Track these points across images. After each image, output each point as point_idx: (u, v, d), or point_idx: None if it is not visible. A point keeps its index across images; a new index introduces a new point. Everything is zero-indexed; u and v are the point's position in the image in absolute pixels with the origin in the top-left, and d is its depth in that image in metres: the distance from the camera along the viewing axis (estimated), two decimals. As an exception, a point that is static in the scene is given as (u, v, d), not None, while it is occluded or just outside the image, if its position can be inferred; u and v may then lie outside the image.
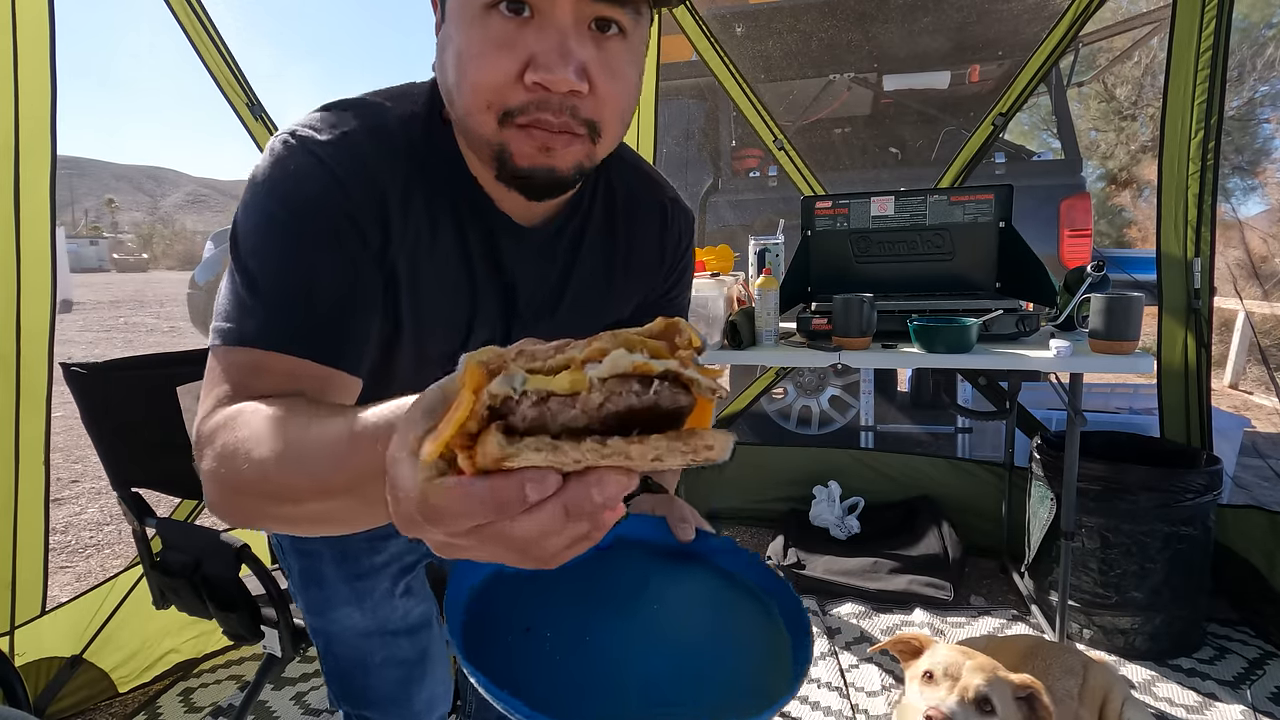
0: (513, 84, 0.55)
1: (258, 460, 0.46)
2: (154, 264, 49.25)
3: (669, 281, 0.84)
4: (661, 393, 0.30)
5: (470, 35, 0.55)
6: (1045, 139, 8.65)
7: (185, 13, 1.87)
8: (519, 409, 0.29)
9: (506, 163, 0.59)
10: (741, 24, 3.70)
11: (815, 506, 2.63)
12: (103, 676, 1.72)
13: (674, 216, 0.82)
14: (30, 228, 1.48)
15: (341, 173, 0.59)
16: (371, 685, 0.92)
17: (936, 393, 3.55)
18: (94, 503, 3.26)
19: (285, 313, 0.56)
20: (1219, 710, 1.60)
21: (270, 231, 0.58)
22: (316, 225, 0.58)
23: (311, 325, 0.57)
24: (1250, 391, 5.30)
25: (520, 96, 0.55)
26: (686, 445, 0.30)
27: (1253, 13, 8.69)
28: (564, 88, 0.54)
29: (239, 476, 0.48)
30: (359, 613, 0.89)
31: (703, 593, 0.65)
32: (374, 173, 0.61)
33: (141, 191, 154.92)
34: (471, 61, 0.55)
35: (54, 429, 1.58)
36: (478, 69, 0.55)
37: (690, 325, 0.34)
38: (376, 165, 0.61)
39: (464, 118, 0.59)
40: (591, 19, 0.55)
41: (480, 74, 0.55)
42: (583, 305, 0.77)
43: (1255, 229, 7.99)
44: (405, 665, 0.93)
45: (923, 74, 3.88)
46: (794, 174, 2.73)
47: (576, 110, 0.56)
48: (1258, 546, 1.96)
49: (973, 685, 1.10)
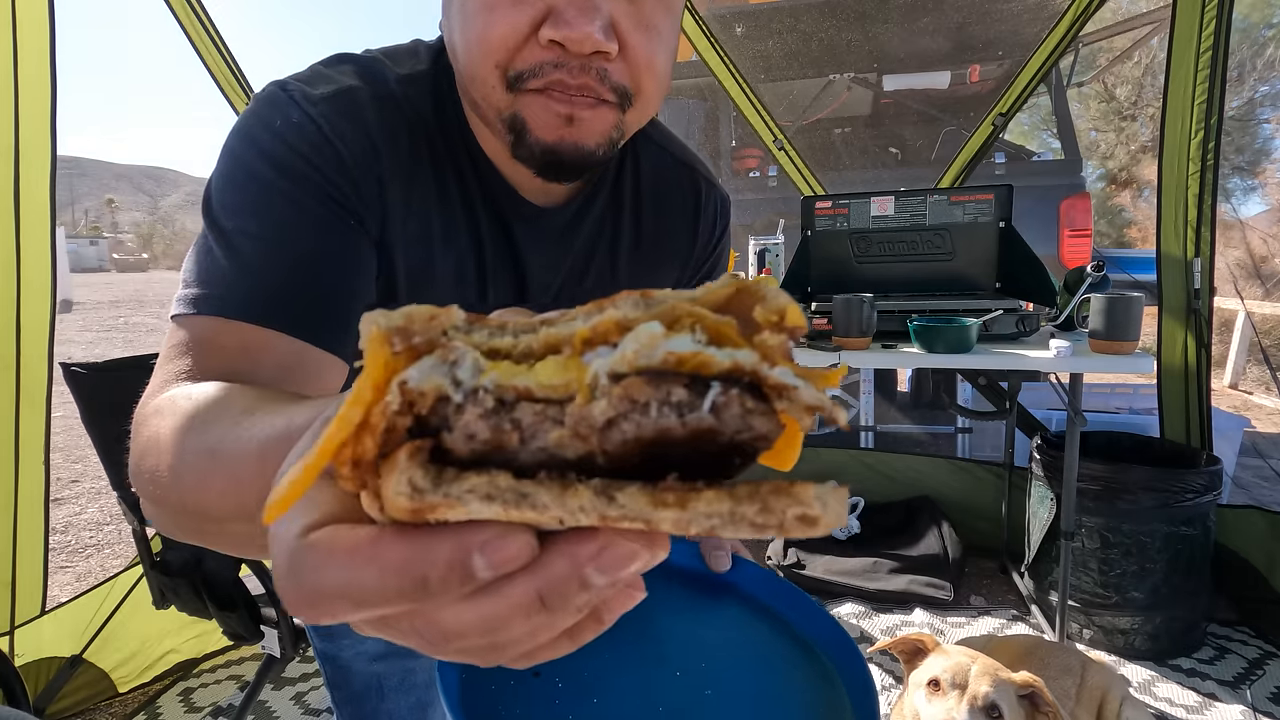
0: (526, 40, 0.46)
1: (171, 464, 0.36)
2: (154, 264, 49.25)
3: (701, 272, 0.75)
4: (726, 408, 0.17)
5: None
6: (1045, 139, 8.65)
7: (185, 13, 1.87)
8: (461, 419, 0.17)
9: (523, 136, 0.49)
10: (741, 24, 3.70)
11: (815, 506, 2.63)
12: (103, 676, 1.72)
13: (708, 199, 0.73)
14: (30, 228, 1.48)
15: (335, 134, 0.50)
16: (383, 710, 0.84)
17: (936, 393, 3.55)
18: (94, 503, 3.26)
19: (255, 276, 0.46)
20: (1219, 710, 1.60)
21: (248, 187, 0.48)
22: (303, 186, 0.49)
23: (286, 291, 0.47)
24: (1250, 391, 5.30)
25: (535, 55, 0.46)
26: (765, 511, 0.17)
27: (1253, 13, 8.70)
28: (588, 48, 0.45)
29: (154, 482, 0.37)
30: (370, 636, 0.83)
31: (740, 637, 0.53)
32: (374, 138, 0.52)
33: (141, 191, 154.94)
34: (478, 14, 0.46)
35: (54, 429, 1.58)
36: (485, 22, 0.46)
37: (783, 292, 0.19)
38: (378, 131, 0.52)
39: (470, 82, 0.50)
40: None
41: (488, 28, 0.46)
42: (605, 281, 0.68)
43: (1255, 229, 7.99)
44: (419, 689, 0.86)
45: (923, 74, 3.88)
46: (794, 174, 2.74)
47: (605, 74, 0.47)
48: (1258, 546, 1.96)
49: (980, 693, 1.10)
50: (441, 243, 0.57)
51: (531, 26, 0.45)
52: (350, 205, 0.50)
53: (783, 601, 0.55)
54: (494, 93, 0.48)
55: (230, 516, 0.33)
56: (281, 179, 0.48)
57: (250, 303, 0.45)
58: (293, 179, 0.48)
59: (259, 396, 0.37)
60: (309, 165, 0.49)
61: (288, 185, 0.48)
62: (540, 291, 0.65)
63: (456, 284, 0.60)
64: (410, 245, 0.56)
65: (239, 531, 0.34)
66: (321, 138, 0.49)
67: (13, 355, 1.48)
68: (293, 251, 0.48)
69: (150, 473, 0.38)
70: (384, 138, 0.52)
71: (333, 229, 0.50)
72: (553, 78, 0.46)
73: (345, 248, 0.50)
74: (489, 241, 0.60)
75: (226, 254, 0.47)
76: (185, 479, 0.35)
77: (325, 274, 0.49)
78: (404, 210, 0.54)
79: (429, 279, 0.58)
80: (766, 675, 0.50)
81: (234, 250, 0.47)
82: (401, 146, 0.53)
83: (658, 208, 0.68)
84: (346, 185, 0.50)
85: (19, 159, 1.45)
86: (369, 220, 0.52)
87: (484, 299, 0.61)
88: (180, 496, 0.36)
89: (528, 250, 0.62)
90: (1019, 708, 1.10)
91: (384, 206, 0.53)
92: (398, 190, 0.53)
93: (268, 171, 0.48)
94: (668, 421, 0.16)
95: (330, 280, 0.49)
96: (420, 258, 0.56)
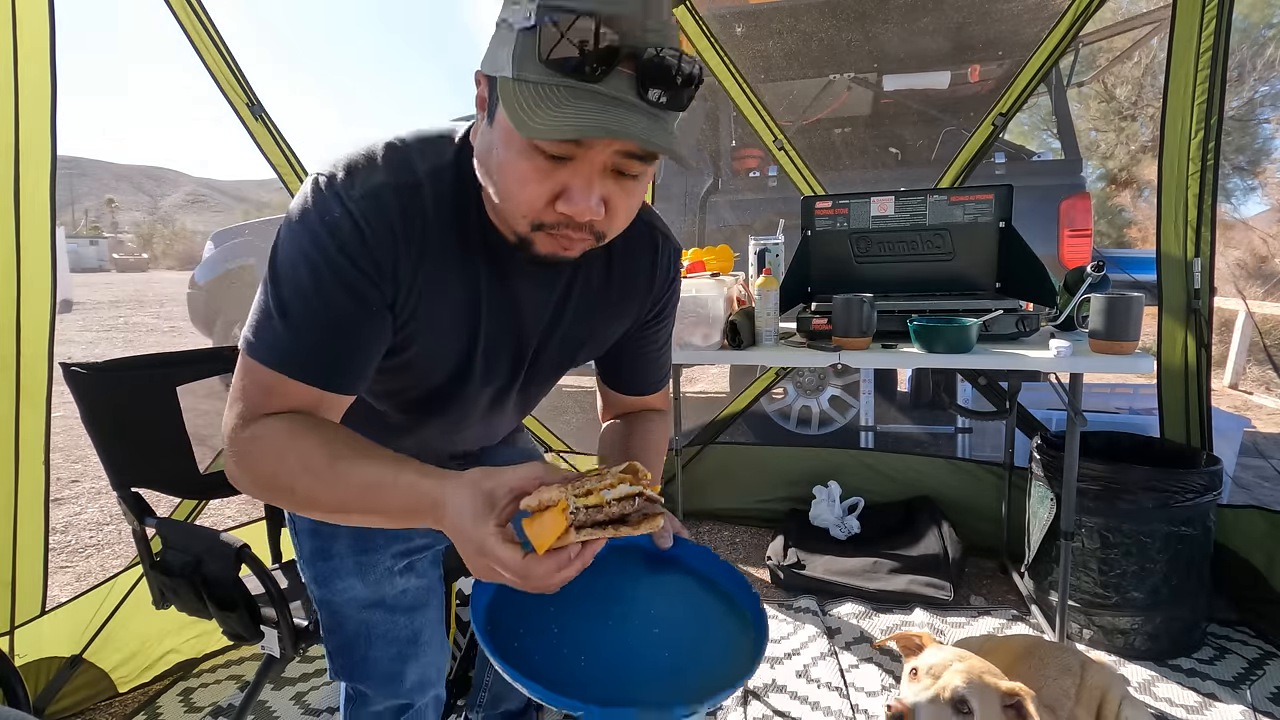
0: (545, 207, 0.65)
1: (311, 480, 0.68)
2: (154, 264, 49.23)
3: (655, 310, 0.93)
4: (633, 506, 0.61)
5: (516, 162, 0.64)
6: (1045, 139, 8.64)
7: (185, 13, 1.87)
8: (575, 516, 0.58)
9: (528, 248, 0.70)
10: (741, 24, 3.70)
11: (815, 506, 2.63)
12: (103, 676, 1.72)
13: (664, 251, 0.90)
14: (30, 228, 1.48)
15: (366, 226, 0.69)
16: (370, 658, 0.99)
17: (936, 393, 3.55)
18: (94, 503, 3.26)
19: (303, 348, 0.70)
20: (1219, 710, 1.60)
21: (301, 268, 0.69)
22: (341, 272, 0.69)
23: (322, 360, 0.71)
24: (1250, 391, 5.30)
25: (550, 216, 0.66)
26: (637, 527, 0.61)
27: (1253, 13, 8.69)
28: (586, 217, 0.65)
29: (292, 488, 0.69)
30: (361, 584, 0.97)
31: (680, 592, 0.77)
32: (396, 227, 0.70)
33: (141, 191, 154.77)
34: (514, 183, 0.65)
35: (54, 429, 1.58)
36: (519, 191, 0.65)
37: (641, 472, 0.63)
38: (399, 219, 0.71)
39: (500, 213, 0.71)
40: (616, 169, 0.65)
41: (521, 196, 0.65)
42: (578, 327, 0.87)
43: (1255, 229, 7.99)
44: (399, 643, 1.00)
45: (923, 74, 3.87)
46: (794, 174, 2.74)
47: (593, 226, 0.68)
48: (1258, 546, 1.96)
49: (951, 685, 1.10)
50: (447, 293, 0.76)
51: (550, 198, 0.65)
52: (373, 278, 0.71)
53: (711, 568, 0.79)
54: (519, 226, 0.68)
55: (354, 510, 0.68)
56: (324, 264, 0.68)
57: (296, 365, 0.70)
58: (330, 266, 0.69)
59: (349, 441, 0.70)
60: (343, 254, 0.68)
61: (326, 270, 0.68)
62: (532, 324, 0.84)
63: (456, 324, 0.79)
64: (422, 297, 0.75)
65: (348, 517, 0.70)
66: (355, 231, 0.69)
67: (13, 355, 1.48)
68: (326, 318, 0.70)
69: (268, 475, 0.70)
70: (403, 223, 0.71)
71: (356, 300, 0.70)
72: (560, 230, 0.67)
73: (364, 313, 0.72)
74: (486, 290, 0.78)
75: (280, 314, 0.69)
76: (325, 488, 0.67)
77: (347, 336, 0.71)
78: (417, 272, 0.73)
79: (435, 319, 0.77)
80: (697, 616, 0.74)
81: (286, 314, 0.69)
82: (416, 226, 0.72)
83: (624, 258, 0.86)
84: (370, 266, 0.70)
85: (19, 159, 1.45)
86: (385, 285, 0.72)
87: (476, 334, 0.80)
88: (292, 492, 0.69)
89: (521, 294, 0.81)
90: (1000, 713, 1.09)
91: (400, 273, 0.72)
92: (413, 259, 0.73)
93: (315, 256, 0.68)
94: (622, 509, 0.61)
95: (350, 342, 0.72)
96: (430, 305, 0.76)
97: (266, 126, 2.05)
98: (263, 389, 0.71)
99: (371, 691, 1.02)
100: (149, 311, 12.43)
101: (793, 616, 2.07)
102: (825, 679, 1.74)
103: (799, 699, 1.69)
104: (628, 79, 0.60)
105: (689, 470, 2.83)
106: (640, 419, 0.99)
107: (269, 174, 2.12)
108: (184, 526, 1.58)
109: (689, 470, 2.83)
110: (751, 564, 2.48)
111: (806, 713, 1.63)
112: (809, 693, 1.70)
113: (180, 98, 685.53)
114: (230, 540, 1.20)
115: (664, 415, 1.03)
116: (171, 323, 10.60)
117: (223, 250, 4.98)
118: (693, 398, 5.11)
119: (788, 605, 2.14)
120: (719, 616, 0.74)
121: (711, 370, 6.01)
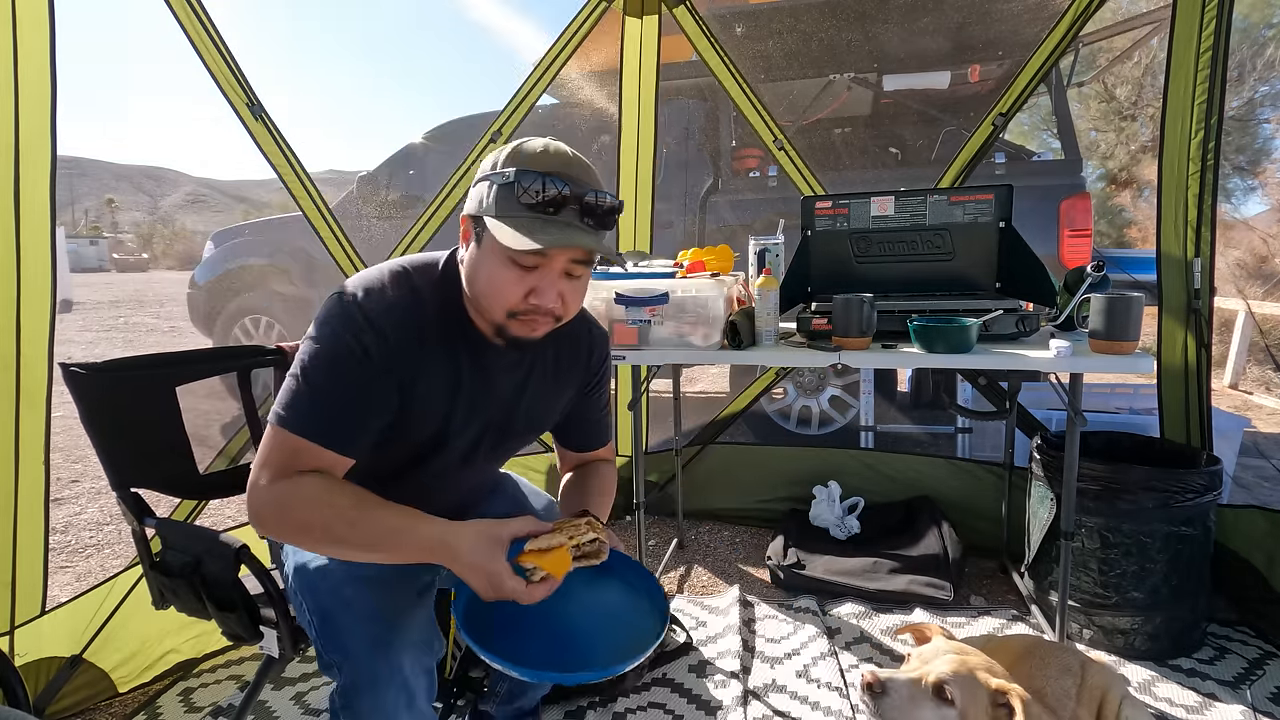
0: (520, 300, 0.97)
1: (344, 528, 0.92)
2: (154, 264, 49.21)
3: (594, 382, 1.26)
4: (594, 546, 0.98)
5: (500, 271, 0.97)
6: (1045, 139, 8.64)
7: (185, 13, 1.87)
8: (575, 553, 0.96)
9: (505, 333, 1.01)
10: (741, 24, 3.70)
11: (815, 506, 2.63)
12: (103, 676, 1.72)
13: (593, 336, 1.24)
14: (30, 228, 1.48)
15: (385, 331, 0.97)
16: (347, 628, 1.03)
17: (936, 393, 3.55)
18: (94, 503, 3.26)
19: (327, 421, 0.95)
20: (1219, 710, 1.60)
21: (330, 361, 0.95)
22: (361, 368, 0.96)
23: (340, 431, 0.96)
24: (1250, 391, 5.30)
25: (523, 306, 0.98)
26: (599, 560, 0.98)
27: (1253, 13, 8.68)
28: (550, 305, 0.98)
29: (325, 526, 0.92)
30: (335, 561, 1.09)
31: (612, 590, 1.07)
32: (406, 329, 0.99)
33: (141, 191, 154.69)
34: (499, 285, 0.97)
35: (54, 429, 1.58)
36: (502, 290, 0.97)
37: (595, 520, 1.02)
38: (407, 324, 0.99)
39: (481, 307, 1.01)
40: (567, 272, 0.98)
41: (504, 294, 0.97)
42: (536, 399, 1.17)
43: (1255, 229, 7.99)
44: (372, 621, 1.03)
45: (923, 74, 3.87)
46: (794, 174, 2.73)
47: (552, 312, 1.00)
48: (1258, 546, 1.96)
49: (935, 670, 1.10)
50: (435, 372, 1.04)
51: (524, 295, 0.97)
52: (387, 366, 0.97)
53: (633, 574, 1.08)
54: (497, 316, 1.00)
55: (374, 551, 0.93)
56: (349, 360, 0.96)
57: (318, 433, 0.95)
58: (353, 360, 0.96)
59: (374, 497, 0.95)
60: (367, 356, 0.96)
61: (352, 365, 0.96)
62: (503, 398, 1.12)
63: (441, 394, 1.05)
64: (420, 378, 1.02)
65: (368, 556, 0.95)
66: (379, 338, 0.97)
67: (13, 355, 1.48)
68: (349, 409, 0.97)
69: (303, 520, 0.92)
70: (409, 326, 1.00)
71: (376, 393, 0.98)
72: (529, 316, 0.99)
73: (380, 402, 0.99)
74: (466, 370, 1.06)
75: (309, 395, 0.95)
76: (353, 534, 0.92)
77: (365, 421, 0.98)
78: (419, 361, 1.01)
79: (430, 392, 1.03)
80: (621, 607, 1.05)
81: (318, 399, 0.95)
82: (417, 326, 1.01)
83: (568, 346, 1.19)
84: (386, 360, 0.97)
85: (19, 159, 1.45)
86: (398, 371, 0.99)
87: (455, 401, 1.06)
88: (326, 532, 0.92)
89: (494, 373, 1.09)
90: (987, 710, 1.08)
91: (406, 362, 1.00)
92: (415, 349, 1.00)
93: (344, 355, 0.95)
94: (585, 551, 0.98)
95: (366, 422, 0.99)
96: (425, 384, 1.03)
97: (266, 126, 2.05)
98: (292, 452, 0.94)
99: (356, 663, 1.01)
100: (149, 311, 12.42)
101: (793, 616, 2.07)
102: (825, 679, 1.74)
103: (799, 699, 1.69)
104: (575, 212, 0.96)
105: (689, 470, 2.83)
106: (591, 469, 1.29)
107: (269, 174, 2.12)
108: (184, 527, 1.58)
109: (689, 470, 2.83)
110: (751, 564, 2.48)
111: (806, 713, 1.63)
112: (809, 693, 1.70)
113: (180, 98, 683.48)
114: (229, 541, 1.19)
115: (610, 463, 1.33)
116: (171, 323, 10.59)
117: (223, 250, 4.97)
118: (693, 398, 5.11)
119: (788, 605, 2.14)
120: (635, 605, 1.05)
121: (711, 370, 6.01)
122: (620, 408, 2.91)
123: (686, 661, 1.86)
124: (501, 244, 0.92)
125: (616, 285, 1.80)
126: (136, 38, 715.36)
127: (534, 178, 0.93)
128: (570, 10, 2.55)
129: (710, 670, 1.82)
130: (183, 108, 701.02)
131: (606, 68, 3.23)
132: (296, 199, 2.19)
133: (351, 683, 1.00)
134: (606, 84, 3.53)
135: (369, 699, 0.99)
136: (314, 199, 2.20)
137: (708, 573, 2.43)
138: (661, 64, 2.66)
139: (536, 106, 2.66)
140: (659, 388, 4.07)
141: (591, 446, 1.31)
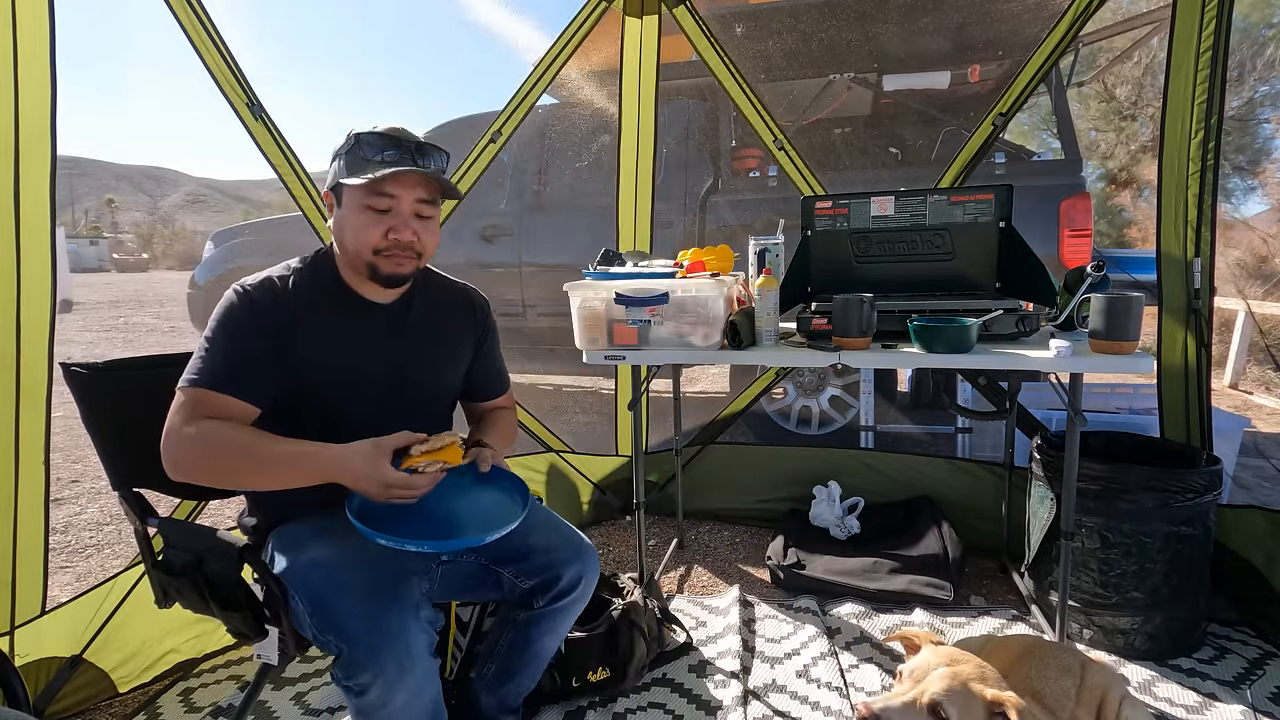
0: (381, 238, 1.22)
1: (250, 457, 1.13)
2: (154, 264, 49.21)
3: (483, 335, 1.48)
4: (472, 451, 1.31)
5: (359, 217, 1.22)
6: (1045, 139, 8.64)
7: (185, 13, 1.87)
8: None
9: (377, 272, 1.24)
10: (741, 24, 3.70)
11: (815, 506, 2.63)
12: (103, 676, 1.72)
13: (471, 295, 1.48)
14: (30, 228, 1.48)
15: (254, 296, 1.21)
16: (344, 610, 1.09)
17: (936, 393, 3.55)
18: (94, 503, 3.26)
19: (221, 372, 1.16)
20: (1219, 710, 1.60)
21: (216, 328, 1.20)
22: (240, 329, 1.19)
23: (234, 378, 1.17)
24: (1250, 391, 5.30)
25: (384, 243, 1.22)
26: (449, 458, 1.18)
27: (1253, 13, 8.67)
28: (407, 238, 1.23)
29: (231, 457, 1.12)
30: (325, 546, 1.19)
31: (491, 490, 1.34)
32: (277, 295, 1.23)
33: (141, 191, 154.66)
34: (360, 230, 1.22)
35: (54, 429, 1.58)
36: (364, 234, 1.22)
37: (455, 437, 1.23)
38: (278, 291, 1.23)
39: (353, 253, 1.24)
40: (417, 213, 1.24)
41: (365, 236, 1.22)
42: (425, 351, 1.36)
43: (1255, 229, 7.99)
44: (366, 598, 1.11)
45: (923, 74, 3.87)
46: (794, 174, 2.73)
47: (411, 247, 1.24)
48: (1258, 546, 1.96)
49: (929, 691, 1.08)
50: (314, 328, 1.24)
51: (384, 233, 1.22)
52: (263, 325, 1.20)
53: (509, 482, 1.34)
54: (366, 256, 1.23)
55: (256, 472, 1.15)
56: (235, 326, 1.20)
57: (214, 381, 1.16)
58: (237, 321, 1.20)
59: (251, 430, 1.17)
60: (245, 315, 1.20)
61: (239, 328, 1.20)
62: (389, 349, 1.32)
63: (328, 347, 1.25)
64: (297, 332, 1.23)
65: (251, 481, 1.20)
66: (250, 303, 1.21)
67: (13, 355, 1.48)
68: (240, 360, 1.18)
69: (209, 456, 1.12)
70: (282, 293, 1.24)
71: (261, 347, 1.19)
72: (392, 253, 1.23)
73: (255, 345, 1.19)
74: (343, 324, 1.28)
75: (203, 355, 1.18)
76: (242, 459, 1.13)
77: (251, 362, 1.19)
78: (298, 320, 1.23)
79: (318, 347, 1.24)
80: (491, 501, 1.32)
81: (207, 354, 1.18)
82: (285, 294, 1.24)
83: (446, 306, 1.43)
84: (268, 323, 1.20)
85: (19, 159, 1.45)
86: (272, 325, 1.20)
87: (339, 353, 1.26)
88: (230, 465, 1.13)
89: (372, 327, 1.31)
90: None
91: (283, 323, 1.22)
92: (293, 314, 1.23)
93: (231, 323, 1.20)
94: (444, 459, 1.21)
95: (257, 372, 1.19)
96: (304, 337, 1.23)
97: (266, 126, 2.05)
98: (195, 402, 1.14)
99: (354, 638, 1.05)
100: (149, 311, 12.42)
101: (793, 616, 2.07)
102: (825, 679, 1.74)
103: (799, 699, 1.69)
104: (409, 156, 1.22)
105: (689, 470, 2.83)
106: (492, 416, 1.53)
107: (269, 174, 2.11)
108: (185, 526, 1.58)
109: (689, 470, 2.83)
110: (751, 564, 2.48)
111: (806, 713, 1.63)
112: (809, 693, 1.70)
113: (180, 98, 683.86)
114: (232, 540, 1.19)
115: (510, 410, 1.57)
116: (171, 323, 10.59)
117: (222, 250, 4.98)
118: (693, 398, 5.11)
119: (788, 605, 2.14)
120: (507, 499, 1.31)
121: (711, 370, 6.01)
122: (620, 408, 2.92)
123: (686, 661, 1.86)
124: (357, 192, 1.19)
125: (616, 285, 1.80)
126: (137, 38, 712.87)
127: (370, 136, 1.21)
128: (570, 10, 2.55)
129: (710, 670, 1.82)
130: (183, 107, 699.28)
131: (606, 68, 3.22)
132: (296, 199, 2.19)
133: (351, 656, 1.05)
134: (606, 84, 3.53)
135: (370, 669, 1.05)
136: (314, 199, 2.20)
137: (708, 573, 2.43)
138: (661, 64, 2.66)
139: (536, 106, 2.66)
140: (659, 388, 4.07)
141: (492, 395, 1.53)
